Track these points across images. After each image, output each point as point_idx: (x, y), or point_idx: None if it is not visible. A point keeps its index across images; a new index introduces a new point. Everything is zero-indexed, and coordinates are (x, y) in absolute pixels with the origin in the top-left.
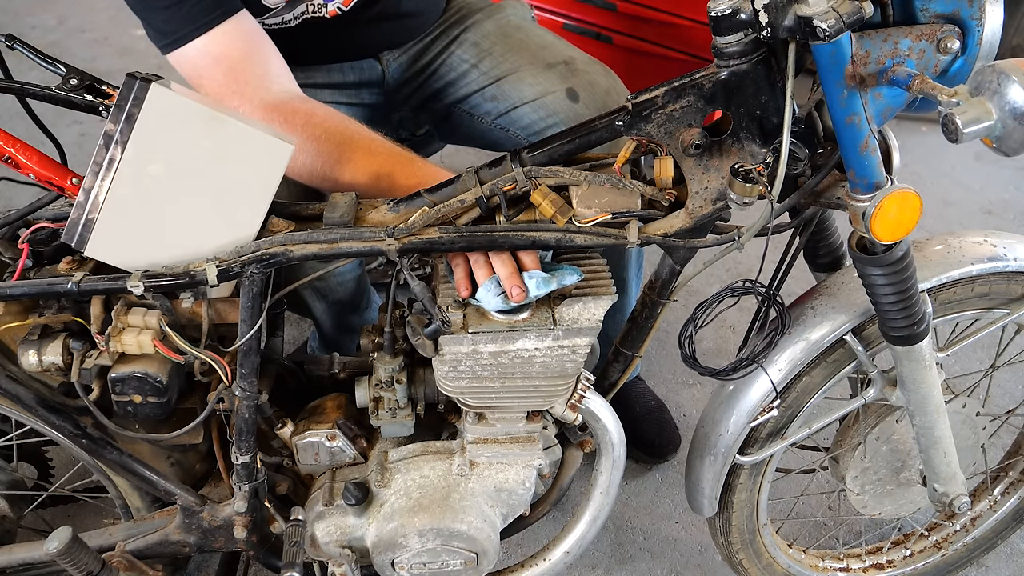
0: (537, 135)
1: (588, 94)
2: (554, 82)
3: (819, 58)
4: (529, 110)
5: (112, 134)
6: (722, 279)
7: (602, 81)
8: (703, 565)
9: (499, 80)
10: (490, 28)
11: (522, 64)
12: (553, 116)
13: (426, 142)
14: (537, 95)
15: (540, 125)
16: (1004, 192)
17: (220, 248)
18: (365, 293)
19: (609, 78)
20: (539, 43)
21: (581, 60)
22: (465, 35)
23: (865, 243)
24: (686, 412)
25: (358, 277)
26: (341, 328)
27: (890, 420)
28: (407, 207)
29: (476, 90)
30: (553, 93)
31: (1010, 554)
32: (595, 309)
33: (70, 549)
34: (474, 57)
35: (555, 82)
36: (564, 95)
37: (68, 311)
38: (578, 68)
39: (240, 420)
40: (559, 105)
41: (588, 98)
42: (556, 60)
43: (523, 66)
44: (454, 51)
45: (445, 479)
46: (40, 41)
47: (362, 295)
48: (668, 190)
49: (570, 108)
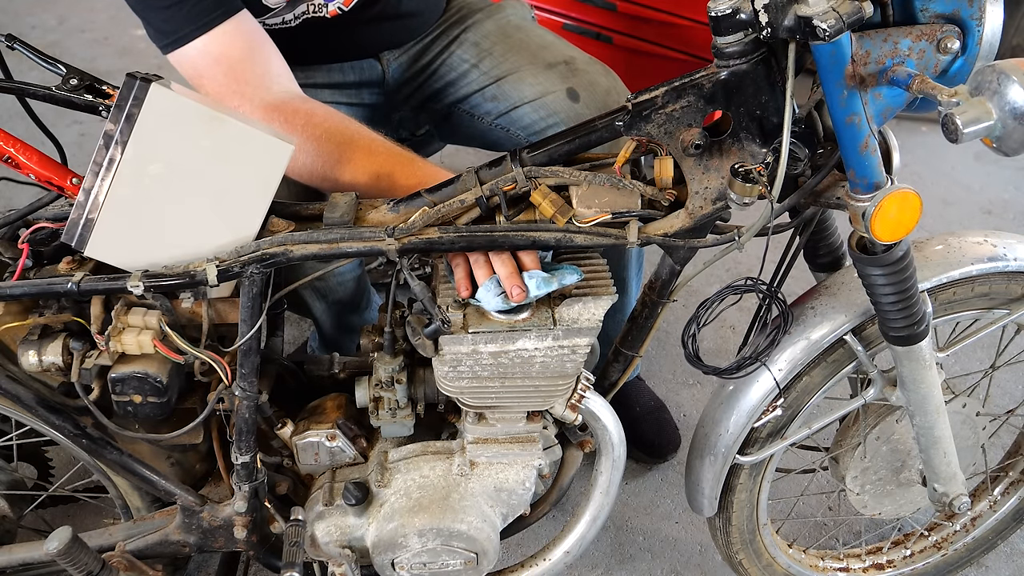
0: (537, 135)
1: (588, 94)
2: (554, 82)
3: (819, 58)
4: (529, 110)
5: (112, 134)
6: (722, 279)
7: (603, 81)
8: (703, 565)
9: (499, 80)
10: (490, 28)
11: (522, 64)
12: (553, 116)
13: (426, 142)
14: (537, 95)
15: (540, 125)
16: (1004, 192)
17: (220, 248)
18: (365, 293)
19: (609, 78)
20: (539, 43)
21: (581, 60)
22: (465, 35)
23: (865, 243)
24: (686, 412)
25: (358, 277)
26: (341, 328)
27: (890, 420)
28: (407, 207)
29: (476, 90)
30: (553, 93)
31: (1010, 554)
32: (595, 309)
33: (70, 549)
34: (474, 57)
35: (555, 82)
36: (564, 95)
37: (68, 311)
38: (578, 68)
39: (240, 420)
40: (559, 105)
41: (588, 98)
42: (556, 60)
43: (523, 66)
44: (454, 51)
45: (445, 479)
46: (40, 41)
47: (362, 295)
48: (668, 190)
49: (570, 108)
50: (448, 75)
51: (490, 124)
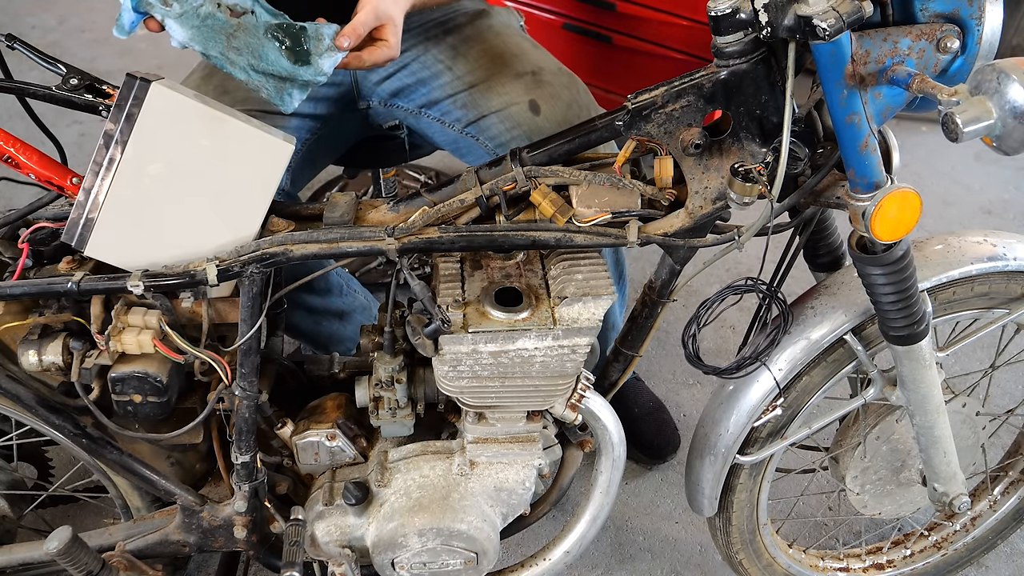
0: (503, 147)
1: (550, 106)
2: (519, 93)
3: (819, 57)
4: (496, 120)
5: (112, 134)
6: (722, 279)
7: (564, 94)
8: (703, 565)
9: (471, 88)
10: (469, 32)
11: (493, 72)
12: (516, 128)
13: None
14: (503, 106)
15: (505, 137)
16: (1004, 192)
17: (220, 248)
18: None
19: (573, 90)
20: (513, 51)
21: (549, 71)
22: (445, 36)
23: (865, 243)
24: (686, 412)
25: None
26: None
27: (890, 420)
28: (407, 207)
29: (448, 96)
30: (517, 104)
31: (1010, 554)
32: (595, 309)
33: (70, 549)
34: (448, 59)
35: (520, 93)
36: (527, 107)
37: (68, 311)
38: (543, 79)
39: (240, 420)
40: (522, 117)
41: (549, 111)
42: (525, 70)
43: (494, 74)
44: (430, 49)
45: (445, 479)
46: (40, 41)
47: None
48: (668, 190)
49: (532, 120)
50: (420, 72)
51: (460, 131)
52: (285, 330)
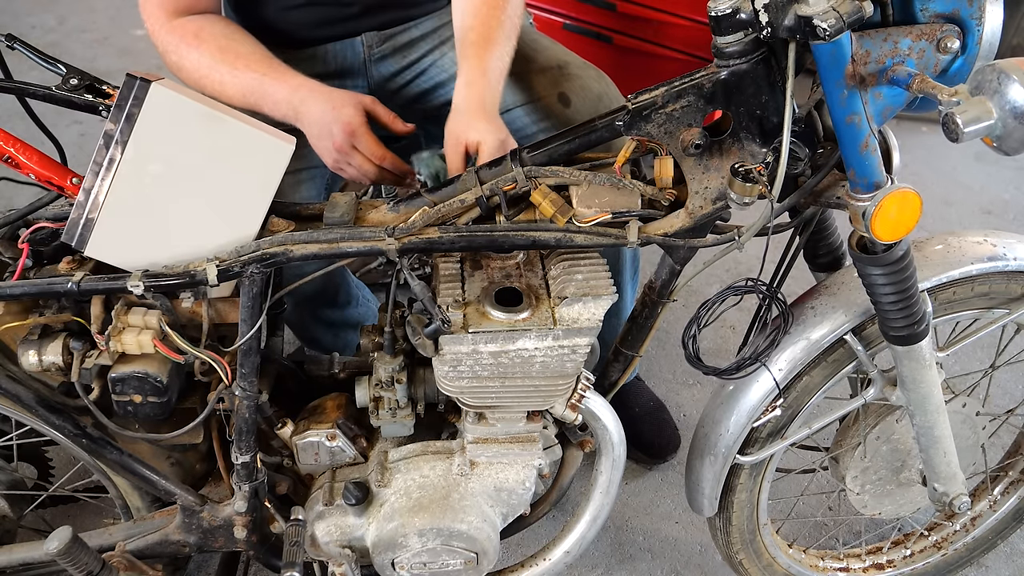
0: (529, 139)
1: (580, 99)
2: (546, 86)
3: (819, 58)
4: (522, 113)
5: (112, 134)
6: (722, 279)
7: (595, 86)
8: (703, 565)
9: None
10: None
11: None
12: (545, 120)
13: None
14: (529, 99)
15: (532, 129)
16: (1004, 192)
17: (220, 248)
18: (342, 288)
19: (602, 83)
20: (533, 47)
21: (575, 64)
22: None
23: (865, 243)
24: (686, 412)
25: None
26: (317, 321)
27: (890, 420)
28: (407, 207)
29: None
30: (545, 97)
31: (1010, 554)
32: (595, 309)
33: (70, 549)
34: None
35: (547, 86)
36: (556, 99)
37: (68, 311)
38: (571, 73)
39: (240, 420)
40: (551, 109)
41: (580, 103)
42: (549, 64)
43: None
44: (447, 52)
45: (445, 479)
46: (40, 41)
47: (337, 290)
48: (668, 190)
49: (562, 112)
50: (438, 76)
51: None
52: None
